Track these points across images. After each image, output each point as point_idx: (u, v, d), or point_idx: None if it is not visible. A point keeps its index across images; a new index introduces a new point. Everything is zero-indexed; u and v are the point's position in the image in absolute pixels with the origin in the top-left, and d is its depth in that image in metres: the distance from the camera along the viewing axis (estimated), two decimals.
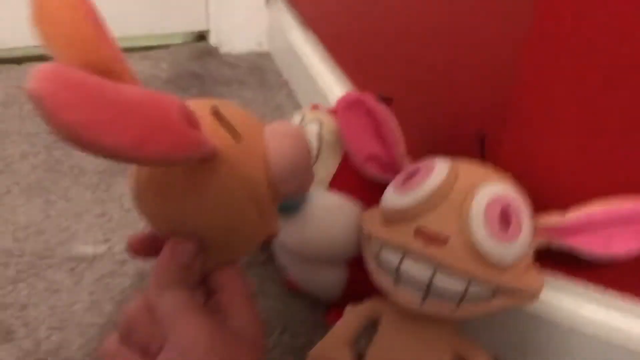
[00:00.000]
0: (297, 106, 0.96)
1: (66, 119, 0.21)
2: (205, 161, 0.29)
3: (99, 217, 0.70)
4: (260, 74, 1.06)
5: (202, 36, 1.17)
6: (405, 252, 0.42)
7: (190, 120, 0.27)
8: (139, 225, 0.69)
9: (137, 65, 1.03)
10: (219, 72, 1.05)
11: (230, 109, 0.33)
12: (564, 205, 0.45)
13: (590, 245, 0.44)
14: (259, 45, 1.14)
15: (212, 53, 1.12)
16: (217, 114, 0.31)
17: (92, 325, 0.56)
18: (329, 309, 0.59)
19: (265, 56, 1.12)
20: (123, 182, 0.76)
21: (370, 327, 0.49)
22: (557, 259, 0.49)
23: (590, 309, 0.50)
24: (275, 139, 0.33)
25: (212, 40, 1.14)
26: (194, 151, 0.27)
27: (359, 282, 0.52)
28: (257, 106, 0.96)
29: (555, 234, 0.45)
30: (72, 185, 0.75)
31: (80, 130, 0.21)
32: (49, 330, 0.56)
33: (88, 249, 0.65)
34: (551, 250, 0.45)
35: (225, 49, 1.13)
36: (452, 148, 0.52)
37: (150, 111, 0.24)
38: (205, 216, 0.31)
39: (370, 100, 0.48)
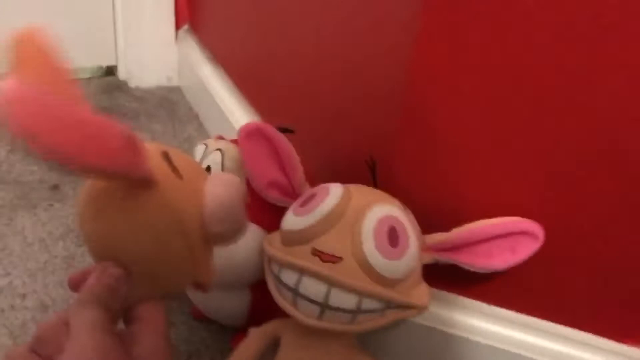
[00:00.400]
0: (207, 138, 0.98)
1: (26, 127, 0.25)
2: (142, 186, 0.32)
3: (0, 251, 0.68)
4: (170, 107, 1.07)
5: (110, 71, 1.17)
6: (302, 272, 0.45)
7: (131, 143, 0.29)
8: (40, 259, 0.68)
9: None
10: (128, 105, 1.05)
11: (180, 155, 0.36)
12: (449, 224, 0.49)
13: (472, 259, 0.49)
14: (168, 79, 1.15)
15: (121, 87, 1.12)
16: (165, 155, 0.34)
17: None
18: (234, 335, 0.60)
19: (175, 90, 1.13)
20: (26, 215, 0.74)
21: (274, 347, 0.50)
22: (444, 274, 0.53)
23: (476, 319, 0.54)
24: (213, 183, 0.35)
25: (121, 74, 1.14)
26: (129, 169, 0.29)
27: (263, 306, 0.54)
28: (167, 138, 0.96)
29: (441, 250, 0.49)
30: None
31: (37, 137, 0.25)
32: None
33: None
34: (438, 266, 0.49)
35: (134, 83, 1.13)
36: (348, 174, 0.56)
37: (96, 127, 0.27)
38: (133, 240, 0.33)
39: (269, 129, 0.51)
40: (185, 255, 0.34)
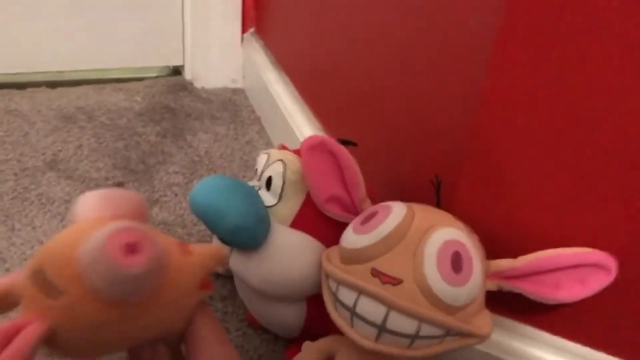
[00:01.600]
0: (268, 143, 0.98)
1: None
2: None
3: None
4: (233, 109, 1.08)
5: (177, 71, 1.20)
6: (360, 292, 0.44)
7: None
8: None
9: (110, 97, 1.05)
10: (192, 106, 1.07)
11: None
12: (515, 251, 0.47)
13: (539, 289, 0.47)
14: (233, 81, 1.16)
15: (187, 87, 1.13)
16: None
17: None
18: (288, 346, 0.59)
19: (239, 92, 1.14)
20: None
21: None
22: (508, 303, 0.51)
23: (538, 349, 0.52)
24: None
25: (187, 75, 1.16)
26: None
27: (318, 319, 0.54)
28: (229, 141, 0.97)
29: (506, 278, 0.47)
30: (38, 214, 0.75)
31: None
32: None
33: None
34: (503, 294, 0.47)
35: (199, 84, 1.15)
36: (410, 193, 0.54)
37: None
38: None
39: (333, 143, 0.50)
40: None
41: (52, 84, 1.08)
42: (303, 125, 0.84)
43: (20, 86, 1.06)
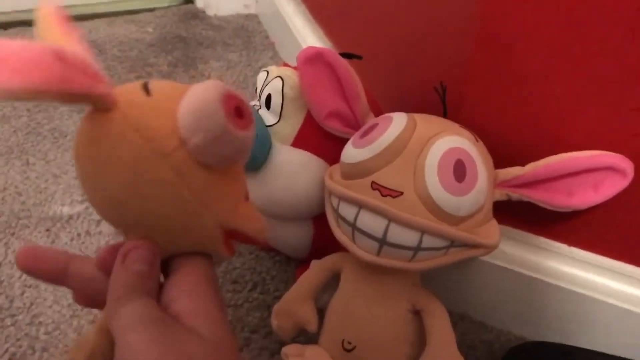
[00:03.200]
0: None
1: None
2: (104, 112, 0.28)
3: (77, 179, 0.70)
4: (246, 35, 1.05)
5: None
6: (360, 206, 0.42)
7: (67, 61, 0.26)
8: None
9: (122, 29, 1.03)
10: (204, 34, 1.04)
11: (162, 82, 0.31)
12: (524, 158, 0.45)
13: (550, 197, 0.44)
14: (245, 7, 1.13)
15: (199, 16, 1.11)
16: (144, 86, 0.30)
17: None
18: (299, 266, 0.59)
19: (252, 18, 1.11)
20: None
21: (337, 280, 0.49)
22: (520, 214, 0.49)
23: (554, 260, 0.50)
24: (187, 94, 0.30)
25: (199, 3, 1.13)
26: (72, 87, 0.25)
27: (325, 238, 0.53)
28: (241, 67, 0.95)
29: (515, 186, 0.45)
30: (52, 148, 0.75)
31: None
32: (23, 288, 0.56)
33: (65, 209, 0.66)
34: (513, 203, 0.45)
35: (211, 11, 1.12)
36: (416, 104, 0.52)
37: (19, 54, 0.24)
38: (109, 173, 0.29)
39: (331, 54, 0.48)
40: (176, 181, 0.29)
41: None
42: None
43: (32, 23, 1.05)
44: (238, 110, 0.29)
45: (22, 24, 1.04)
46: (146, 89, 0.30)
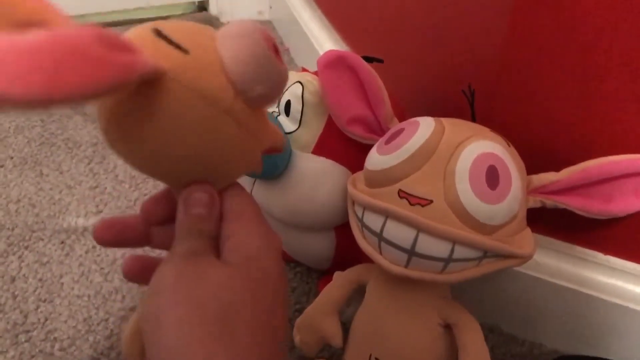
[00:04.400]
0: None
1: None
2: (153, 83, 0.27)
3: (92, 189, 0.69)
4: None
5: (202, 7, 1.15)
6: (387, 215, 0.40)
7: (115, 45, 0.24)
8: (132, 197, 0.68)
9: None
10: None
11: (173, 25, 0.30)
12: (560, 163, 0.43)
13: (587, 203, 0.42)
14: (259, 13, 1.11)
15: (213, 23, 1.09)
16: (159, 34, 0.29)
17: (80, 296, 0.56)
18: (321, 277, 0.57)
19: (266, 24, 1.10)
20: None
21: (362, 292, 0.47)
22: (556, 222, 0.47)
23: (589, 270, 0.48)
24: (228, 43, 0.29)
25: (213, 10, 1.12)
26: (124, 75, 0.24)
27: (349, 249, 0.51)
28: None
29: (550, 193, 0.43)
30: (66, 158, 0.74)
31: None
32: (37, 302, 0.55)
33: (79, 221, 0.64)
34: (547, 210, 0.43)
35: (225, 18, 1.11)
36: (443, 109, 0.50)
37: (57, 47, 0.21)
38: (173, 142, 0.29)
39: (353, 57, 0.46)
40: (238, 132, 0.30)
41: None
42: None
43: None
44: (275, 47, 0.29)
45: None
46: (175, 45, 0.28)
